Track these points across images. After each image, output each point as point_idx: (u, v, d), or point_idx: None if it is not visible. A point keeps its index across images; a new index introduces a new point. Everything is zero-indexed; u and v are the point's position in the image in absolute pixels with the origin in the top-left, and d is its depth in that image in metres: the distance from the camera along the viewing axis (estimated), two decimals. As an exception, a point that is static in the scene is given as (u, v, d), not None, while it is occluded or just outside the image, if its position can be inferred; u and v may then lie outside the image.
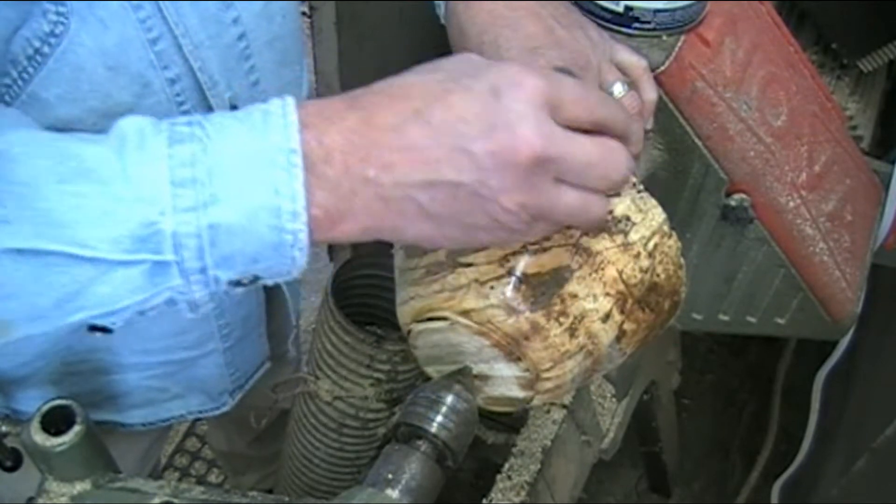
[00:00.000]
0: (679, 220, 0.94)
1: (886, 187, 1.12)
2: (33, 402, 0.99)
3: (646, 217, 0.74)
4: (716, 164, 0.90)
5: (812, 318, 1.00)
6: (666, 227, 0.75)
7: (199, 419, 1.11)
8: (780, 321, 1.02)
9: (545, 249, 0.72)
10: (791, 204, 0.93)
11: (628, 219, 0.73)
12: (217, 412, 1.12)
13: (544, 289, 0.72)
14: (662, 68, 0.85)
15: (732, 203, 0.92)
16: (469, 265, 0.72)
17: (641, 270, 0.74)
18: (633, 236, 0.73)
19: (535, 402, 0.77)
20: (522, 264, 0.71)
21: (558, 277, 0.72)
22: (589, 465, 1.20)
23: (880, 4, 1.23)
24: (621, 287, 0.73)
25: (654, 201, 0.75)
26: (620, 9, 0.84)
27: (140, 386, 1.03)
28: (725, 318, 1.03)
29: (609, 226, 0.73)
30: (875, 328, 1.44)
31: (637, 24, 0.85)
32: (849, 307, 1.00)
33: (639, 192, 0.74)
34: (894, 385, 1.35)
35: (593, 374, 0.77)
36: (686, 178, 0.92)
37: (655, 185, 0.87)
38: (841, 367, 1.53)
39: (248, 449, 1.60)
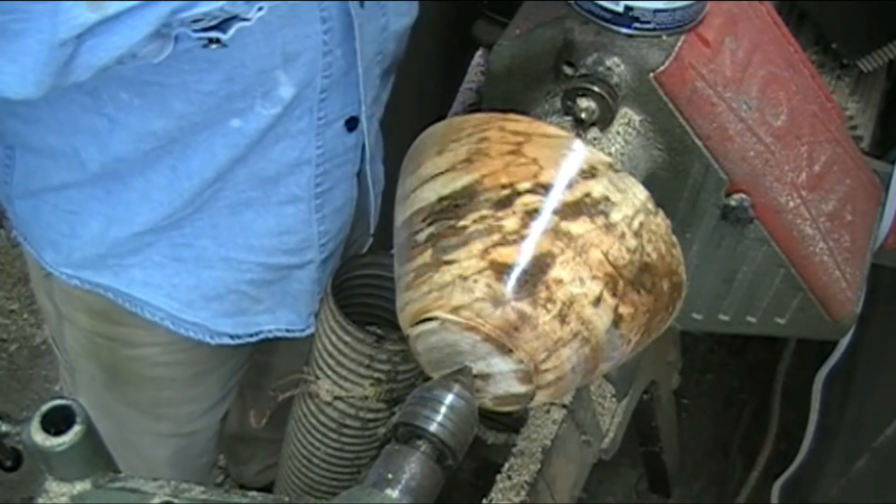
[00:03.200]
0: (679, 220, 0.94)
1: (886, 187, 1.12)
2: (139, 286, 1.07)
3: (626, 196, 0.73)
4: (716, 164, 0.90)
5: (812, 318, 1.00)
6: (650, 205, 0.74)
7: (285, 338, 1.18)
8: (780, 321, 1.02)
9: (524, 237, 0.72)
10: (791, 204, 0.93)
11: (607, 199, 0.73)
12: (303, 334, 1.17)
13: (528, 277, 0.72)
14: (662, 68, 0.86)
15: (732, 203, 0.92)
16: (452, 262, 0.73)
17: (629, 250, 0.73)
18: (615, 216, 0.73)
19: (541, 397, 0.77)
20: (503, 255, 0.71)
21: (541, 264, 0.72)
22: (589, 465, 1.20)
23: (880, 4, 1.23)
24: (609, 269, 0.73)
25: (633, 180, 0.74)
26: (620, 9, 0.84)
27: (236, 290, 1.09)
28: (725, 318, 1.03)
29: (588, 208, 0.72)
30: (875, 328, 1.44)
31: (637, 24, 0.85)
32: (849, 307, 0.99)
33: (616, 171, 0.74)
34: (894, 385, 1.35)
35: (597, 365, 0.77)
36: (686, 178, 0.92)
37: (655, 185, 0.88)
38: (841, 367, 1.53)
39: (260, 430, 1.60)
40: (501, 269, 0.72)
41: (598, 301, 0.73)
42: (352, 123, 1.03)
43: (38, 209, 1.06)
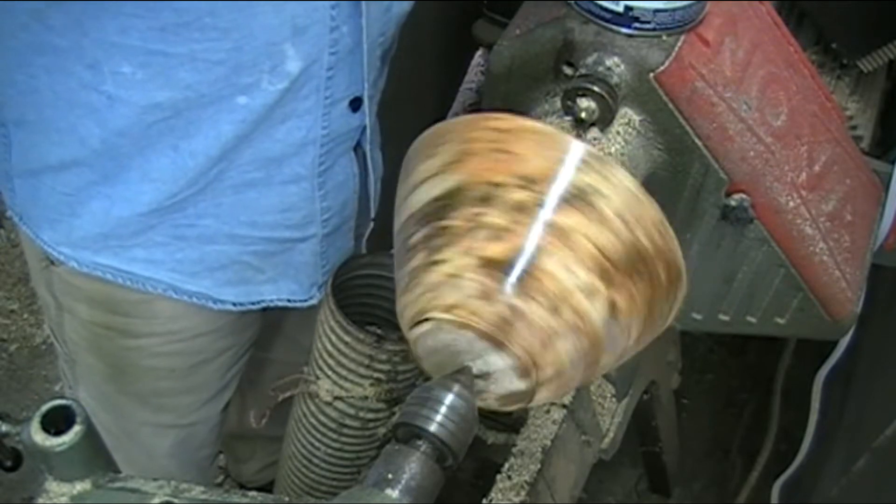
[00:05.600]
0: (679, 220, 0.94)
1: (886, 187, 1.12)
2: (140, 264, 1.08)
3: (612, 184, 0.73)
4: (716, 164, 0.90)
5: (812, 318, 1.00)
6: (635, 190, 0.74)
7: (287, 308, 1.19)
8: (780, 321, 1.02)
9: (511, 232, 0.72)
10: (791, 204, 0.93)
11: (593, 188, 0.72)
12: (305, 304, 1.18)
13: (517, 271, 0.72)
14: (662, 68, 0.86)
15: (732, 203, 0.92)
16: (443, 262, 0.73)
17: (618, 238, 0.73)
18: (602, 205, 0.72)
19: (543, 394, 0.77)
20: (491, 250, 0.72)
21: (530, 257, 0.72)
22: (589, 465, 1.20)
23: (880, 4, 1.24)
24: (599, 258, 0.72)
25: (619, 168, 0.74)
26: (620, 9, 0.84)
27: (239, 262, 1.10)
28: (725, 318, 1.04)
29: (574, 198, 0.72)
30: (875, 328, 1.44)
31: (637, 24, 0.85)
32: (849, 307, 1.00)
33: (601, 161, 0.73)
34: (894, 385, 1.35)
35: (598, 358, 0.76)
36: (686, 178, 0.92)
37: (655, 185, 0.88)
38: (841, 367, 1.53)
39: (260, 428, 1.60)
40: (491, 265, 0.72)
41: (590, 291, 0.73)
42: (356, 104, 1.04)
43: (37, 189, 1.05)
